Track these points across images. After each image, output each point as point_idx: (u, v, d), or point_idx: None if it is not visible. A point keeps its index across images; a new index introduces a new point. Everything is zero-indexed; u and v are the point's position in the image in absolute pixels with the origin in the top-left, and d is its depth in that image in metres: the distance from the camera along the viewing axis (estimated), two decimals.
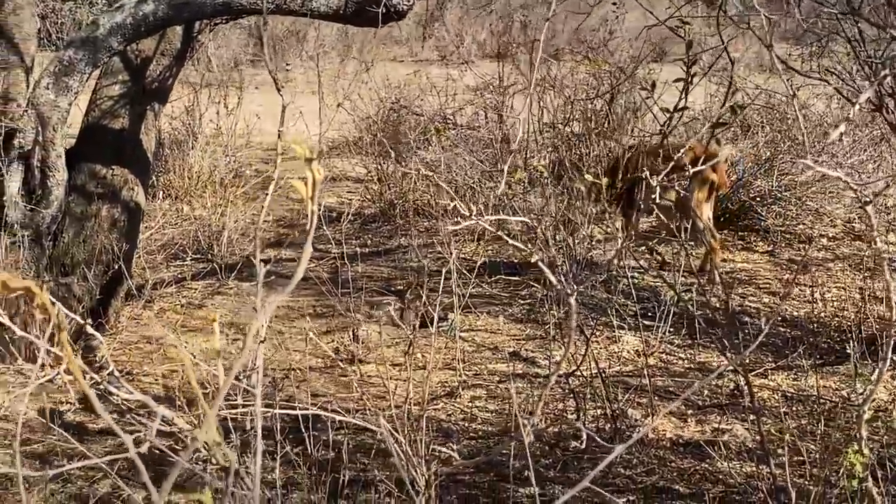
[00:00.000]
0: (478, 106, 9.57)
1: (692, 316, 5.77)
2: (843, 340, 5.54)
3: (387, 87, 10.82)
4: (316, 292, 6.63)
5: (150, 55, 5.86)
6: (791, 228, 7.44)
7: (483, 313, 6.31)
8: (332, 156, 10.67)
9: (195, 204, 8.39)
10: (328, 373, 5.50)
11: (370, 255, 7.54)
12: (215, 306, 6.52)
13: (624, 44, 11.88)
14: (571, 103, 8.23)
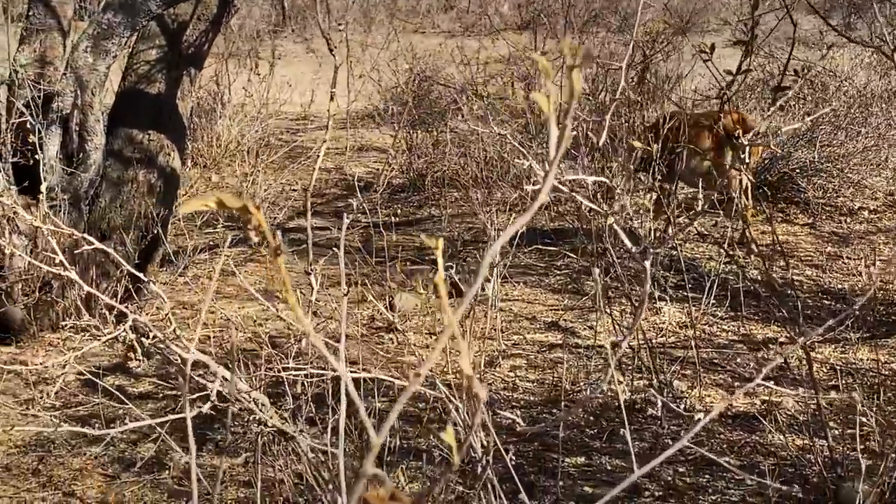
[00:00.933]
0: (508, 76, 9.47)
1: (735, 287, 5.70)
2: (891, 314, 5.46)
3: (413, 58, 10.73)
4: (349, 261, 6.57)
5: (187, 20, 5.78)
6: (832, 201, 7.33)
7: (520, 283, 6.24)
8: (359, 126, 10.58)
9: (224, 172, 8.32)
10: (364, 341, 5.43)
11: (400, 224, 7.46)
12: (248, 273, 6.46)
13: (654, 13, 11.75)
14: (606, 72, 8.12)
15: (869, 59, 8.09)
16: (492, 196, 7.74)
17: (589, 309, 5.78)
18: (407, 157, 8.67)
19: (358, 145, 9.81)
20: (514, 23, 17.35)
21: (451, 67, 10.71)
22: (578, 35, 9.47)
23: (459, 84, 9.49)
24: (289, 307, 4.53)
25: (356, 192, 7.80)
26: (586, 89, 8.94)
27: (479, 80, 9.41)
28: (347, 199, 8.19)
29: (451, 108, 8.96)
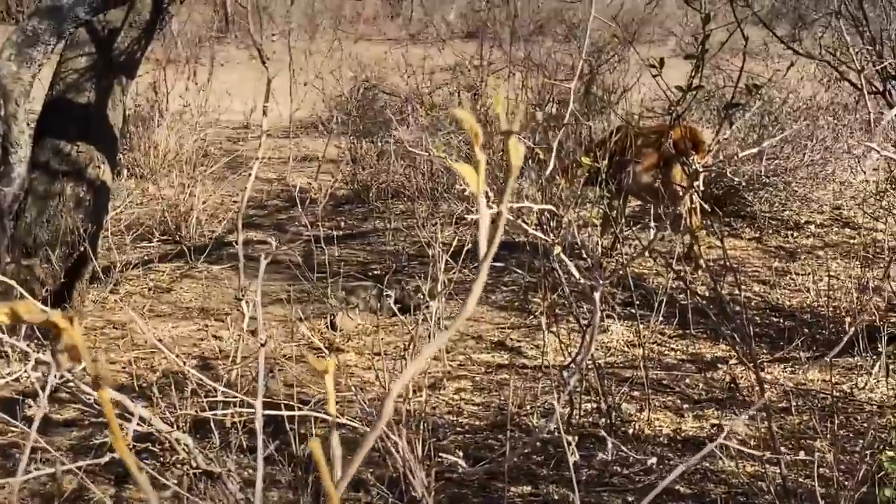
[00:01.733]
0: (454, 86, 9.32)
1: (683, 305, 5.59)
2: (840, 332, 5.36)
3: (359, 66, 10.56)
4: (289, 276, 6.37)
5: (118, 26, 5.56)
6: (778, 214, 7.26)
7: (465, 300, 6.07)
8: (302, 135, 10.37)
9: (161, 183, 8.08)
10: (304, 361, 5.24)
11: (344, 238, 7.27)
12: (184, 290, 6.24)
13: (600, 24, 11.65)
14: (552, 84, 7.99)
15: (815, 72, 8.04)
16: (437, 208, 7.59)
17: (535, 327, 5.64)
18: (351, 168, 8.49)
19: (301, 155, 9.61)
20: (461, 31, 17.24)
21: (396, 76, 10.55)
22: (524, 45, 9.34)
23: (405, 94, 9.33)
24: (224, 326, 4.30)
25: (297, 205, 7.62)
26: (532, 101, 8.82)
27: (425, 90, 9.26)
28: (289, 212, 8.00)
29: (396, 118, 8.79)
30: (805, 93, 7.79)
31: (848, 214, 7.30)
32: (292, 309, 5.62)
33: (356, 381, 4.92)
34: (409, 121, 8.53)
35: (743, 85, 3.49)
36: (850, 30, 5.96)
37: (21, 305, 0.64)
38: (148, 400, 4.14)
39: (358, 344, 5.51)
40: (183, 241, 6.95)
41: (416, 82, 9.29)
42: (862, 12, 4.59)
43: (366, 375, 5.09)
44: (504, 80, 8.56)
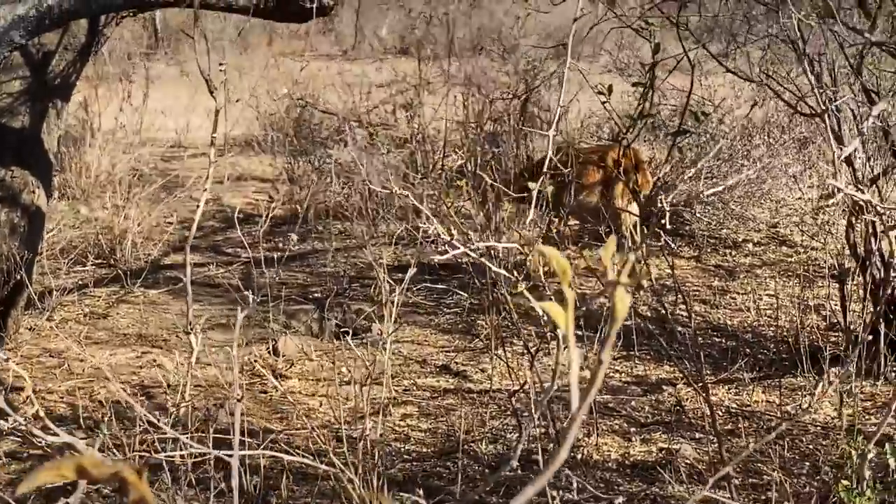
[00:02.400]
0: (392, 104, 9.28)
1: (627, 326, 5.60)
2: (781, 351, 5.42)
3: (293, 83, 10.47)
4: (228, 300, 6.29)
5: (53, 49, 5.44)
6: (716, 233, 7.32)
7: (408, 323, 6.04)
8: (236, 154, 10.25)
9: (94, 205, 7.94)
10: (247, 389, 5.15)
11: (282, 259, 7.19)
12: (121, 316, 6.12)
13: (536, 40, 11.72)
14: (491, 102, 8.01)
15: (750, 90, 8.13)
16: (377, 229, 7.54)
17: (481, 350, 5.62)
18: (289, 189, 8.41)
19: (236, 174, 9.50)
20: (394, 47, 17.22)
21: (331, 94, 10.48)
22: (459, 62, 9.34)
23: (342, 112, 9.27)
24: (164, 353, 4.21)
25: (234, 226, 7.52)
26: (469, 118, 8.82)
27: (362, 109, 9.21)
28: (226, 233, 7.90)
29: (333, 137, 8.74)
30: (740, 112, 7.88)
31: (784, 232, 7.39)
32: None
33: (301, 408, 4.86)
34: (347, 140, 8.46)
35: (690, 112, 3.49)
36: (787, 52, 6.04)
37: (87, 460, 0.59)
38: (91, 432, 4.04)
39: (301, 369, 5.44)
40: (118, 265, 6.82)
41: (353, 101, 9.25)
42: (800, 34, 4.63)
43: (310, 402, 5.03)
44: (443, 98, 8.54)
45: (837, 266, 5.14)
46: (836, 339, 5.39)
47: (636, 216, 6.07)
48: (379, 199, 7.73)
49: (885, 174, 4.80)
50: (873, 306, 4.90)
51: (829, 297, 5.87)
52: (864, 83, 4.56)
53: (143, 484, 0.61)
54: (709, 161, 7.07)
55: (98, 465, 0.60)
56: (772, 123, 7.62)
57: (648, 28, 3.32)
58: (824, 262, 6.36)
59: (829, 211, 6.82)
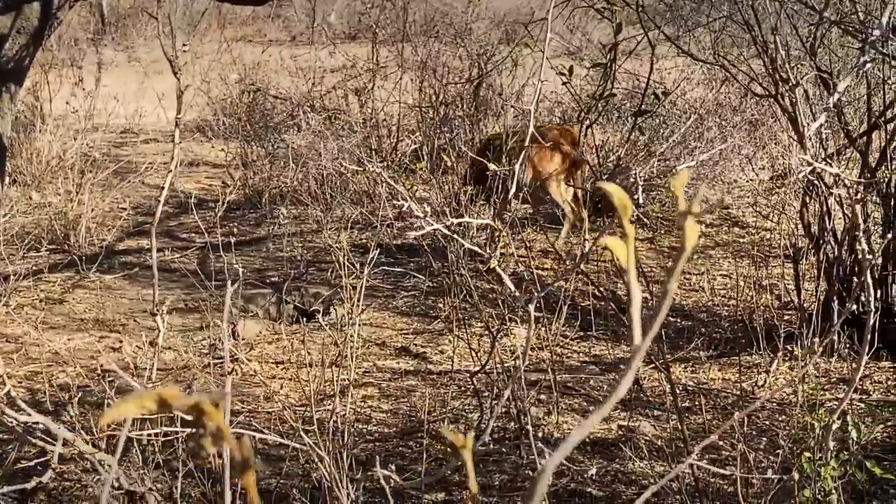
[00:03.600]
0: (344, 89, 9.27)
1: (584, 306, 5.66)
2: (737, 330, 5.49)
3: (244, 69, 10.41)
4: (185, 285, 6.26)
5: (6, 33, 5.36)
6: (669, 215, 7.39)
7: (367, 306, 6.04)
8: (188, 139, 10.18)
9: (47, 191, 7.86)
10: (207, 372, 5.14)
11: (238, 244, 7.15)
12: (77, 301, 6.08)
13: (488, 25, 11.77)
14: (445, 86, 8.03)
15: (701, 73, 8.21)
16: (331, 213, 7.53)
17: (439, 332, 5.64)
18: (243, 173, 8.37)
19: (188, 160, 9.43)
20: (343, 32, 17.16)
21: (282, 78, 10.44)
22: (413, 46, 9.34)
23: (296, 98, 9.24)
24: (122, 337, 4.20)
25: (189, 211, 7.48)
26: (421, 99, 8.83)
27: (315, 94, 9.19)
28: (179, 218, 7.85)
29: (287, 122, 8.71)
30: (692, 95, 7.96)
31: (736, 214, 7.48)
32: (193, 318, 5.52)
33: (261, 392, 4.86)
34: (301, 125, 8.45)
35: (651, 92, 3.53)
36: (739, 34, 6.11)
37: (167, 392, 0.60)
38: (53, 415, 4.02)
39: (260, 353, 5.44)
40: (72, 251, 6.76)
41: (305, 85, 9.22)
42: (754, 15, 4.70)
43: (271, 385, 5.03)
44: (395, 84, 8.54)
45: (791, 245, 5.22)
46: (790, 318, 5.47)
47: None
48: (333, 183, 7.73)
49: (839, 153, 4.88)
50: (827, 284, 4.99)
51: (782, 277, 5.96)
52: (818, 63, 4.63)
53: (220, 415, 0.62)
54: (662, 143, 7.15)
55: (177, 397, 0.61)
56: (723, 105, 7.70)
57: (610, 8, 3.35)
58: (777, 242, 6.46)
59: (781, 192, 6.92)
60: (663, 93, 3.46)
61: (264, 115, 9.28)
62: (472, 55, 9.47)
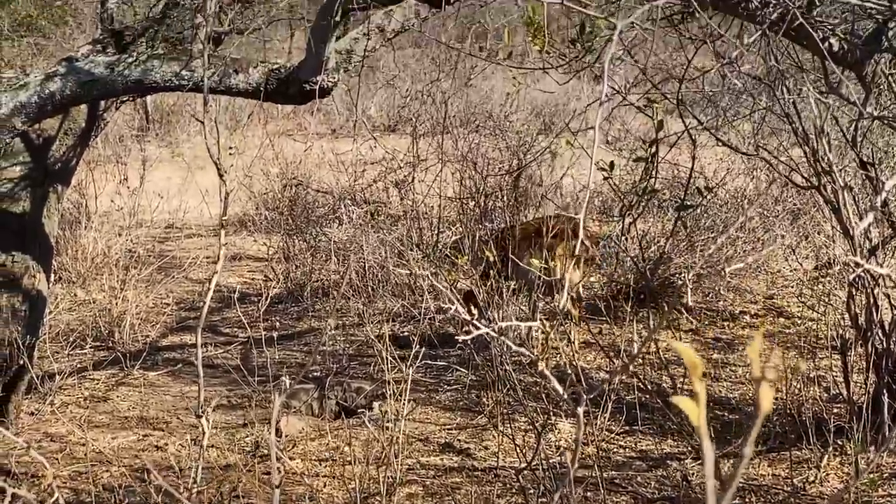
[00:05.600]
0: (385, 182, 9.35)
1: (629, 400, 5.60)
2: (785, 424, 5.41)
3: (286, 163, 10.53)
4: (227, 380, 6.28)
5: (54, 134, 5.49)
6: (713, 305, 7.34)
7: (408, 400, 6.01)
8: (231, 234, 10.28)
9: (91, 287, 7.94)
10: (249, 471, 5.12)
11: (281, 339, 7.18)
12: (121, 398, 6.09)
13: (526, 116, 11.88)
14: (485, 178, 8.09)
15: (741, 163, 8.21)
16: (373, 305, 7.55)
17: (483, 427, 5.60)
18: (284, 267, 8.43)
19: (231, 254, 9.51)
20: (382, 125, 17.34)
21: (323, 172, 10.54)
22: (453, 139, 9.42)
23: (337, 191, 9.32)
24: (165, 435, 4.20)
25: (230, 305, 7.52)
26: (464, 194, 8.88)
27: (357, 188, 9.27)
28: (223, 313, 7.89)
29: (328, 215, 8.79)
30: (733, 184, 7.96)
31: (781, 304, 7.41)
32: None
33: (304, 490, 4.83)
34: (342, 218, 8.52)
35: (694, 186, 3.53)
36: (779, 124, 6.11)
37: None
38: None
39: (303, 450, 5.41)
40: (117, 347, 6.81)
41: (346, 179, 9.32)
42: (793, 107, 4.70)
43: (314, 483, 4.99)
44: (435, 176, 8.61)
45: (838, 337, 5.16)
46: (839, 411, 5.38)
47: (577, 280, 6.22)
48: (375, 276, 7.76)
49: (884, 245, 4.84)
50: (876, 377, 4.92)
51: (830, 369, 5.88)
52: (860, 155, 4.62)
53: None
54: (703, 233, 7.13)
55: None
56: (764, 195, 7.68)
57: (651, 105, 3.37)
58: (823, 333, 6.38)
59: (826, 281, 6.86)
60: (706, 188, 3.47)
61: (306, 208, 9.36)
62: (511, 147, 9.54)
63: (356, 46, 5.40)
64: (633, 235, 6.59)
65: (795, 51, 4.74)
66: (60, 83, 4.94)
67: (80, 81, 4.95)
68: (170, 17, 5.49)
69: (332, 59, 5.16)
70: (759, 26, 3.11)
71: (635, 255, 7.22)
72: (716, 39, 3.83)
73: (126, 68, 5.01)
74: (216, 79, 5.15)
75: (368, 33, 5.41)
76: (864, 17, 3.21)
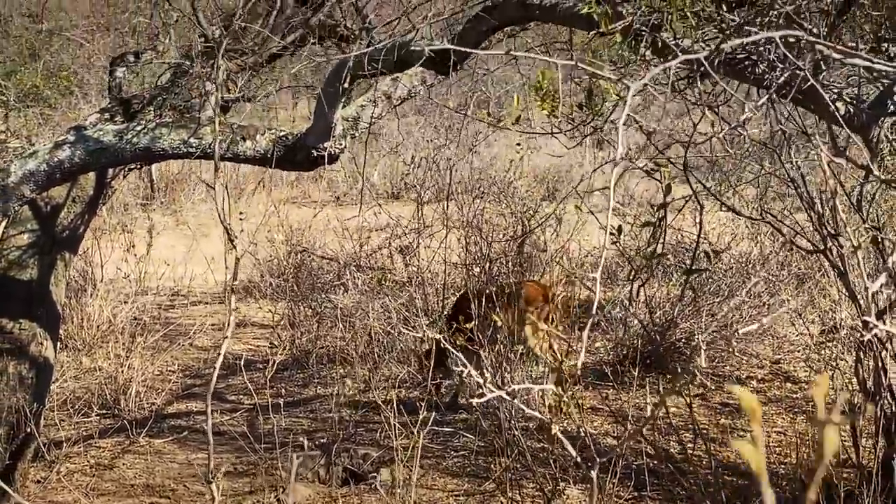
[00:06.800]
0: (389, 248, 9.38)
1: (637, 465, 5.56)
2: (795, 489, 5.37)
3: (289, 229, 10.56)
4: (234, 448, 6.25)
5: (62, 202, 5.53)
6: (719, 370, 7.32)
7: (415, 467, 5.98)
8: (236, 300, 10.26)
9: (97, 355, 7.93)
10: None
11: (286, 405, 7.15)
12: (127, 466, 6.07)
13: (530, 183, 11.94)
14: (489, 244, 8.12)
15: (746, 227, 8.24)
16: (378, 372, 7.53)
17: (490, 494, 5.56)
18: (290, 334, 8.42)
19: (236, 321, 9.50)
20: (386, 192, 17.42)
21: (328, 237, 10.58)
22: (458, 205, 9.47)
23: (342, 258, 9.35)
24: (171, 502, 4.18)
25: (236, 372, 7.50)
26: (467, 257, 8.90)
27: (362, 254, 9.30)
28: (227, 380, 7.87)
29: (333, 282, 8.80)
30: (738, 248, 7.98)
31: (788, 368, 7.40)
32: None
33: None
34: (347, 285, 8.53)
35: (702, 252, 3.55)
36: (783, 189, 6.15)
37: None
38: None
39: None
40: (123, 415, 6.79)
41: (351, 246, 9.34)
42: (799, 172, 4.74)
43: None
44: (440, 242, 8.65)
45: (847, 401, 5.14)
46: (849, 476, 5.35)
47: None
48: (381, 342, 7.76)
49: (892, 308, 4.84)
50: (886, 441, 4.89)
51: (839, 433, 5.85)
52: (865, 218, 4.64)
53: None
54: (709, 297, 7.13)
55: None
56: (770, 260, 7.70)
57: (658, 169, 3.40)
58: (832, 398, 6.36)
59: (832, 346, 6.85)
60: (714, 251, 3.49)
61: (311, 275, 9.38)
62: (515, 212, 9.58)
63: (363, 113, 5.45)
64: (640, 300, 6.59)
65: (800, 115, 4.78)
66: (69, 151, 4.98)
67: (89, 149, 4.99)
68: (177, 86, 5.56)
69: (339, 125, 5.21)
70: (767, 90, 3.15)
71: (643, 319, 7.22)
72: (721, 105, 3.87)
73: (134, 136, 5.05)
74: (224, 146, 5.19)
75: (375, 100, 5.47)
76: (871, 80, 3.24)
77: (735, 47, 2.91)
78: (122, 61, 5.76)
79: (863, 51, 3.13)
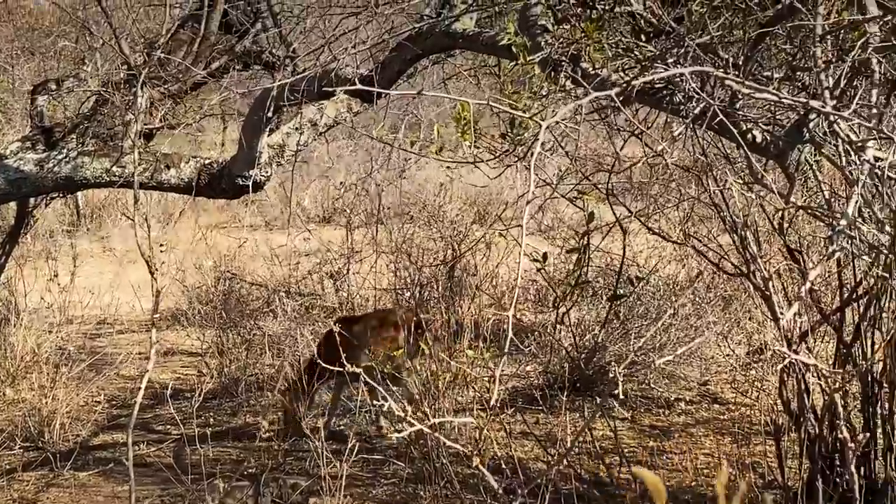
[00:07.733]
0: (319, 274, 9.34)
1: (566, 491, 5.57)
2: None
3: (218, 255, 10.47)
4: (160, 479, 6.15)
5: None
6: (648, 393, 7.37)
7: (344, 496, 5.93)
8: (163, 328, 10.15)
9: (21, 386, 7.78)
10: None
11: (214, 435, 7.06)
12: (51, 500, 5.95)
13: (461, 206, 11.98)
14: (419, 269, 8.12)
15: (672, 250, 8.31)
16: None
17: None
18: (218, 362, 8.32)
19: (163, 349, 9.38)
20: (317, 216, 17.35)
21: (258, 263, 10.50)
22: (388, 230, 9.46)
23: (271, 285, 9.29)
24: None
25: (163, 402, 7.40)
26: (396, 282, 8.89)
27: (292, 280, 9.25)
28: (154, 410, 7.76)
29: (262, 309, 8.73)
30: (665, 271, 8.05)
31: (715, 390, 7.47)
32: None
33: None
34: (277, 311, 8.47)
35: (626, 276, 3.57)
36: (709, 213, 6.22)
37: None
38: None
39: None
40: (47, 448, 6.66)
41: (281, 271, 9.29)
42: (721, 197, 4.80)
43: None
44: (370, 267, 8.63)
45: (771, 423, 5.20)
46: (775, 497, 5.40)
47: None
48: None
49: (813, 331, 4.91)
50: (810, 462, 4.95)
51: (764, 455, 5.91)
52: (788, 243, 4.71)
53: None
54: (636, 320, 7.18)
55: None
56: (696, 282, 7.77)
57: (581, 197, 3.42)
58: (757, 418, 6.43)
59: (757, 367, 6.94)
60: (637, 277, 3.52)
61: (240, 301, 9.29)
62: (445, 237, 9.60)
63: (289, 140, 5.43)
64: (566, 325, 6.62)
65: (722, 141, 4.84)
66: None
67: (9, 179, 4.92)
68: (100, 114, 5.49)
69: (265, 153, 5.18)
70: (684, 119, 3.19)
71: (569, 344, 7.25)
72: (643, 132, 3.91)
73: (56, 165, 4.99)
74: (147, 175, 5.14)
75: (301, 128, 5.45)
76: (785, 108, 3.30)
77: (647, 83, 2.94)
78: (43, 89, 5.68)
79: (776, 80, 3.19)
